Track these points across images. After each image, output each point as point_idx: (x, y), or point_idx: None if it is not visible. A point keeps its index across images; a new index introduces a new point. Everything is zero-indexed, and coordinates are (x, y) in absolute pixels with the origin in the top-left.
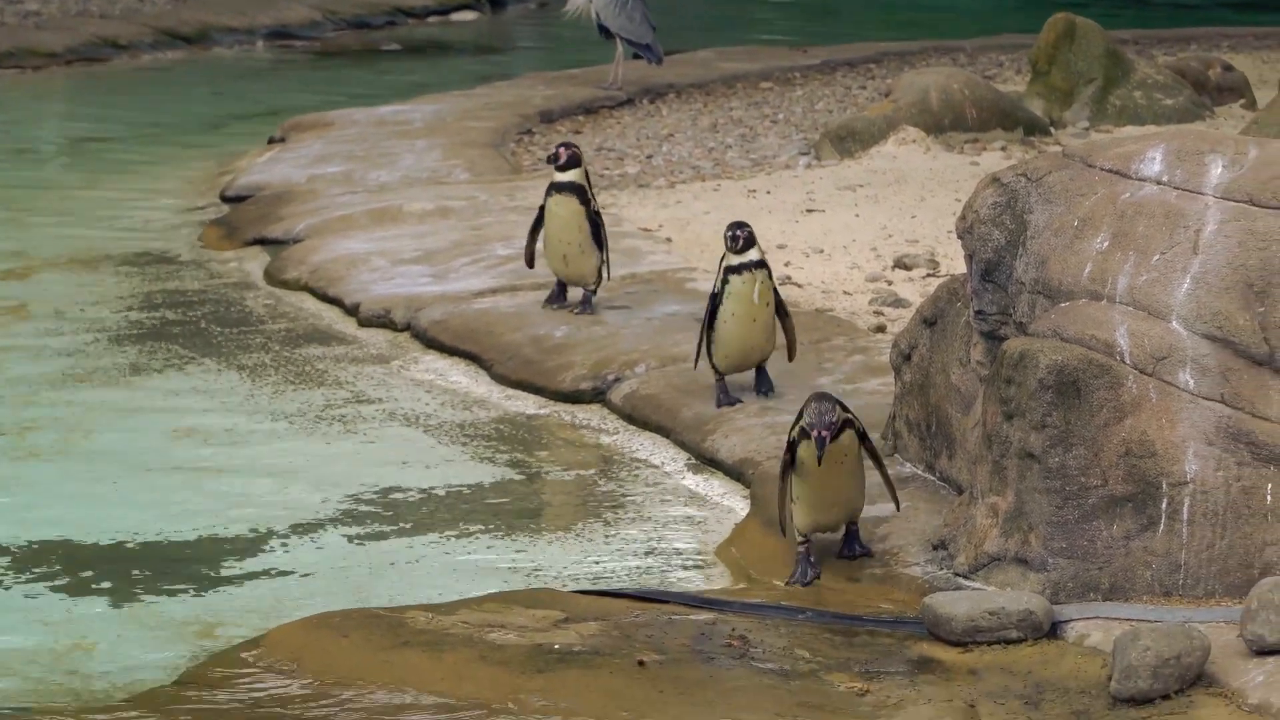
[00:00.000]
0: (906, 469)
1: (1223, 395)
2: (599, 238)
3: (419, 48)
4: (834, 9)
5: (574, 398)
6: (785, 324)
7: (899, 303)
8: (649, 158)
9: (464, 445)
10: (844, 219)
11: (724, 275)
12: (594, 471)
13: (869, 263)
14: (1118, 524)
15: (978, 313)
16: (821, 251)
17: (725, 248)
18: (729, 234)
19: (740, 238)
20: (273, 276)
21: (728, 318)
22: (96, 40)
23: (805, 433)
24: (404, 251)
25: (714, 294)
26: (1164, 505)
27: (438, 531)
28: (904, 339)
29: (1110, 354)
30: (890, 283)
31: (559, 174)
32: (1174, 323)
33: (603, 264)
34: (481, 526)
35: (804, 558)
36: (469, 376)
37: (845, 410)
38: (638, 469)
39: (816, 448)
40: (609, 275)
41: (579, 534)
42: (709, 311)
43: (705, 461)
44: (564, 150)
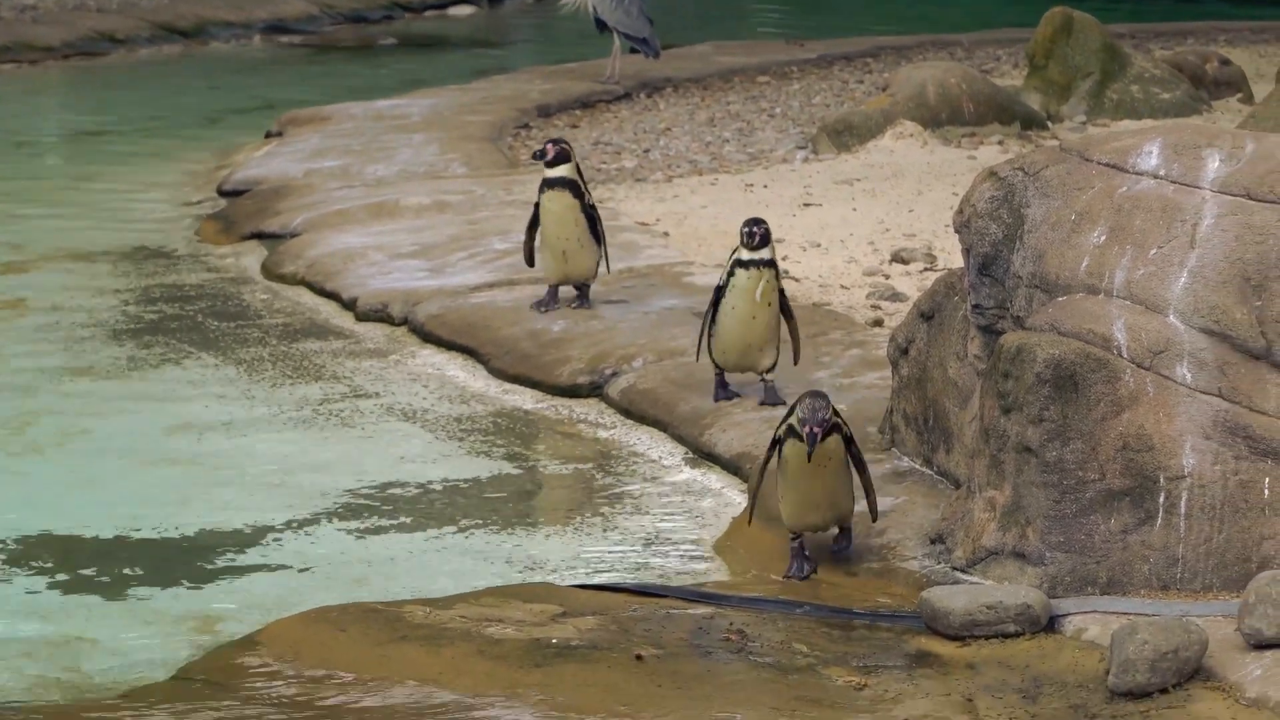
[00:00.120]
0: (904, 463)
1: (1220, 389)
2: (596, 231)
3: (416, 42)
4: (831, 3)
5: (571, 392)
6: (790, 325)
7: (896, 297)
8: (646, 152)
9: (461, 440)
10: (841, 213)
11: (731, 268)
12: (591, 466)
13: (866, 257)
14: (1115, 518)
15: (975, 307)
16: (819, 245)
17: (740, 242)
18: (745, 229)
19: (757, 234)
20: (270, 271)
21: (728, 311)
22: (93, 34)
23: (793, 431)
24: (401, 246)
25: (719, 285)
26: (1161, 499)
27: (435, 526)
28: (901, 333)
29: (1107, 348)
30: (887, 277)
31: (549, 170)
32: (1171, 317)
33: (602, 258)
34: (479, 521)
35: (798, 552)
36: (466, 371)
37: (835, 414)
38: (635, 463)
39: (807, 444)
40: (609, 269)
41: (576, 528)
42: (713, 302)
43: (703, 456)
44: (551, 146)
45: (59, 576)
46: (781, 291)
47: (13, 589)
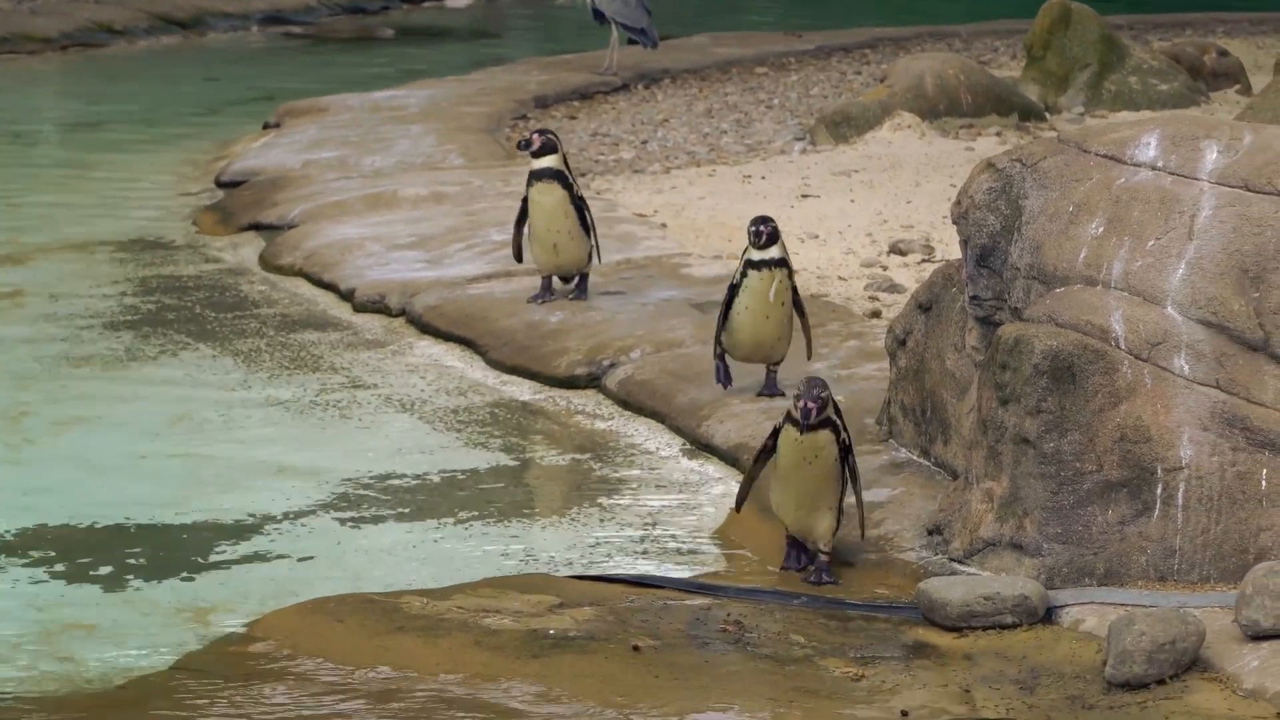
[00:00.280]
0: (901, 454)
1: (1218, 380)
2: (585, 222)
3: (414, 33)
4: None
5: (569, 383)
6: (803, 322)
7: (894, 288)
8: (644, 143)
9: (459, 431)
10: (839, 204)
11: (744, 268)
12: (589, 457)
13: (864, 248)
14: (1113, 509)
15: (973, 298)
16: (817, 237)
17: (748, 242)
18: (752, 228)
19: (764, 233)
20: (268, 262)
21: (741, 310)
22: (91, 25)
23: (790, 417)
24: (399, 237)
25: (732, 284)
26: (1159, 490)
27: (433, 516)
28: (899, 324)
29: (1105, 339)
30: (885, 268)
31: (535, 161)
32: (1169, 308)
33: (592, 248)
34: (476, 512)
35: (793, 543)
36: (464, 362)
37: (838, 414)
38: (633, 454)
39: (799, 417)
40: (600, 259)
41: (574, 519)
42: (725, 301)
43: (700, 447)
44: (537, 137)
45: (56, 567)
46: (794, 288)
47: (9, 579)
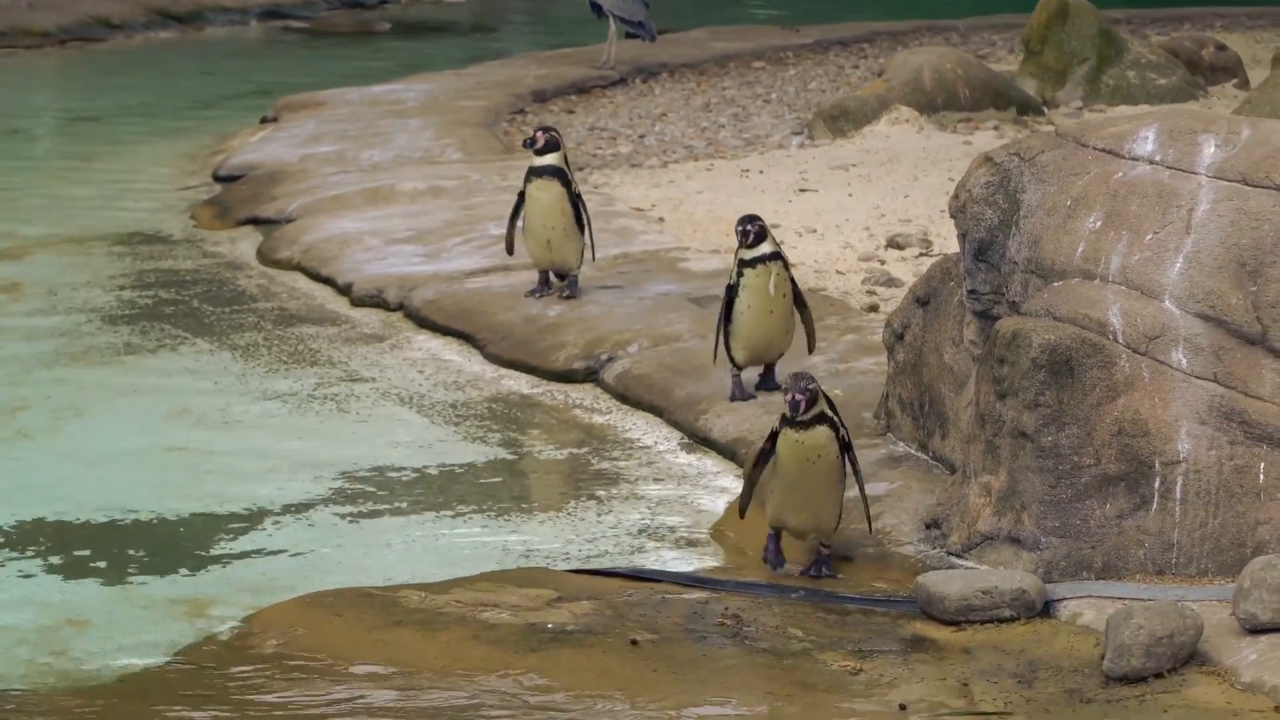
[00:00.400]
0: (899, 448)
1: (1215, 374)
2: (580, 220)
3: (412, 27)
4: None
5: (567, 377)
6: (803, 315)
7: (892, 282)
8: (642, 137)
9: (457, 425)
10: (837, 198)
11: (738, 268)
12: (587, 451)
13: (862, 242)
14: (1110, 503)
15: (971, 292)
16: (814, 231)
17: (737, 243)
18: (739, 229)
19: (750, 233)
20: (265, 256)
21: (744, 310)
22: (89, 20)
23: (785, 419)
24: (397, 231)
25: (729, 286)
26: (1157, 484)
27: (431, 510)
28: (897, 318)
29: (1103, 333)
30: (883, 262)
31: (537, 158)
32: (1167, 302)
33: (585, 247)
34: (474, 506)
35: (772, 538)
36: (462, 356)
37: (834, 410)
38: (630, 448)
39: (789, 410)
40: (593, 257)
41: (572, 513)
42: (725, 303)
43: (698, 441)
44: (541, 134)
45: (53, 561)
46: (793, 281)
47: (6, 574)
